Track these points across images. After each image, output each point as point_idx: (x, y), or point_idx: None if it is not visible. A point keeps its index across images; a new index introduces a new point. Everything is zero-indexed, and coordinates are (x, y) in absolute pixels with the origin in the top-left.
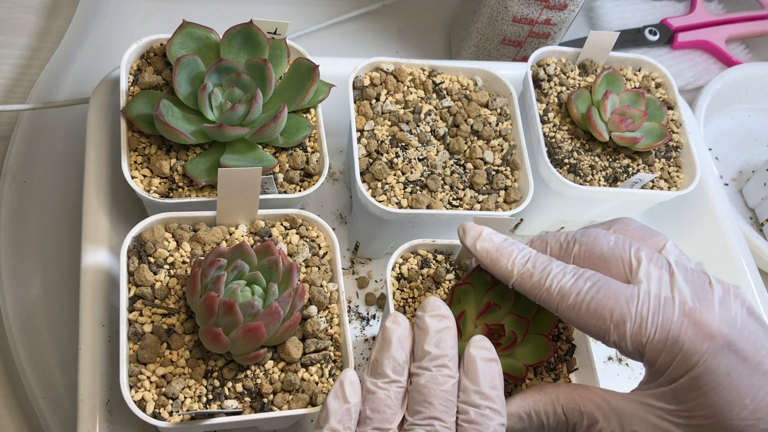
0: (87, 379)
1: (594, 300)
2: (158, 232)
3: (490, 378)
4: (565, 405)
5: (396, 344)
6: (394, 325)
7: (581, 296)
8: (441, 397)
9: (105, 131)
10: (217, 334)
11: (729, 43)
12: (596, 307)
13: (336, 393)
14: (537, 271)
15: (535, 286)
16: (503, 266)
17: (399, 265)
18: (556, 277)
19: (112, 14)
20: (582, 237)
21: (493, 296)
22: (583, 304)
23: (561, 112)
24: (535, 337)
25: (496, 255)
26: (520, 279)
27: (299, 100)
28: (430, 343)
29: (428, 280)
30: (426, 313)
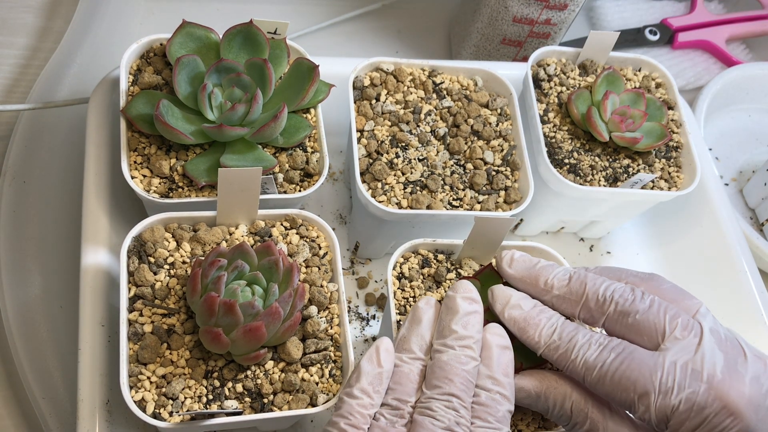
0: (87, 379)
1: (618, 372)
2: (158, 232)
3: (504, 365)
4: (575, 403)
5: (426, 324)
6: (426, 305)
7: (605, 368)
8: (462, 376)
9: (105, 131)
10: (217, 334)
11: (729, 43)
12: (620, 379)
13: (371, 357)
14: (563, 342)
15: (561, 358)
16: (530, 337)
17: (400, 264)
18: (582, 348)
19: (112, 14)
20: (620, 297)
21: None
22: (607, 376)
23: (561, 112)
24: None
25: (523, 325)
26: (547, 350)
27: (299, 100)
28: (458, 323)
29: (429, 280)
30: (458, 294)
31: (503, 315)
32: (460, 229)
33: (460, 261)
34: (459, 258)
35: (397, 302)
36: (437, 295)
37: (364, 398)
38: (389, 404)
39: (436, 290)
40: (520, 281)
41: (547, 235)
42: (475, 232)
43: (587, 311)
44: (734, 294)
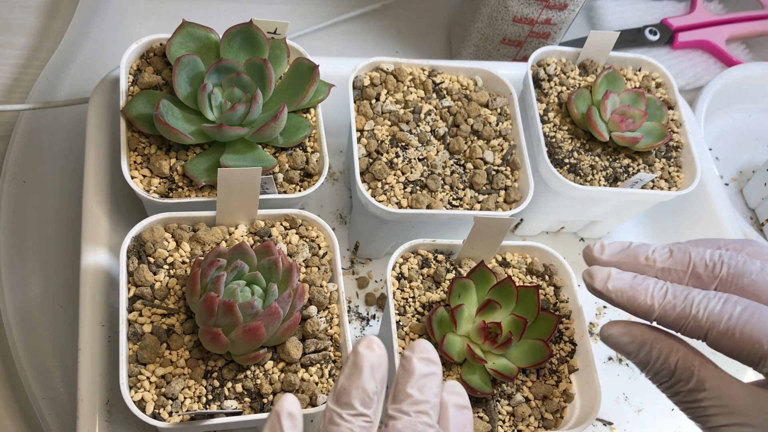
0: (87, 379)
1: (748, 324)
2: (158, 232)
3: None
4: (682, 359)
5: (367, 373)
6: (367, 350)
7: (733, 321)
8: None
9: (105, 131)
10: (216, 334)
11: (729, 43)
12: (751, 332)
13: (273, 426)
14: (679, 300)
15: (680, 316)
16: (642, 302)
17: (399, 264)
18: (702, 303)
19: (112, 14)
20: (730, 260)
21: (495, 294)
22: (736, 330)
23: (561, 112)
24: (532, 341)
25: (632, 293)
26: (663, 312)
27: (299, 100)
28: (414, 387)
29: (428, 280)
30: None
31: (607, 289)
32: (460, 229)
33: (460, 261)
34: (458, 258)
35: (397, 303)
36: (437, 295)
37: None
38: None
39: (436, 290)
40: (618, 265)
41: (547, 235)
42: (474, 232)
43: (696, 278)
44: None
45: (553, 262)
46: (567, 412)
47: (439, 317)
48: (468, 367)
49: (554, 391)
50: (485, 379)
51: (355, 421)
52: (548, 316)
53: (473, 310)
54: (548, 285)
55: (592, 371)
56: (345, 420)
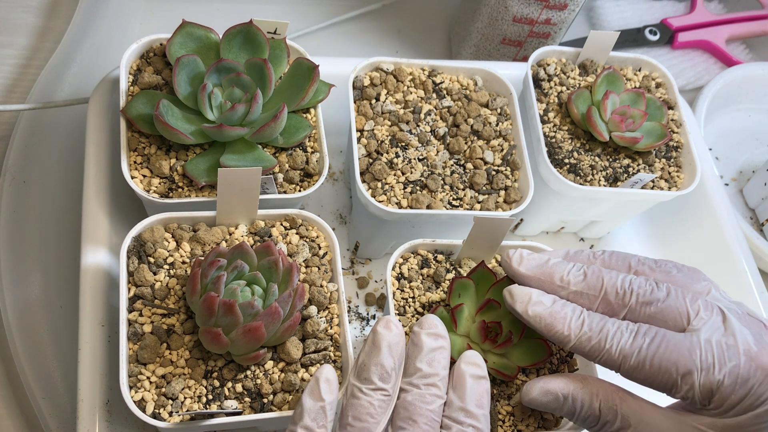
0: (87, 379)
1: (657, 355)
2: (158, 232)
3: (477, 396)
4: (603, 401)
5: (385, 350)
6: (385, 330)
7: (643, 353)
8: (426, 416)
9: (105, 131)
10: (216, 334)
11: (729, 43)
12: (660, 362)
13: (312, 390)
14: (594, 333)
15: (594, 349)
16: (559, 331)
17: (399, 264)
18: (615, 337)
19: (112, 14)
20: (639, 288)
21: (494, 294)
22: (646, 362)
23: (561, 112)
24: (532, 340)
25: (550, 320)
26: (578, 343)
27: (299, 100)
28: (422, 361)
29: (428, 280)
30: (423, 330)
31: (527, 313)
32: (460, 229)
33: (460, 261)
34: (458, 258)
35: (397, 303)
36: (436, 295)
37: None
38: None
39: (436, 291)
40: (532, 279)
41: (547, 235)
42: (474, 232)
43: (606, 305)
44: (734, 294)
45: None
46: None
47: (439, 317)
48: None
49: None
50: None
51: (375, 395)
52: None
53: (473, 309)
54: None
55: (592, 371)
56: (365, 394)
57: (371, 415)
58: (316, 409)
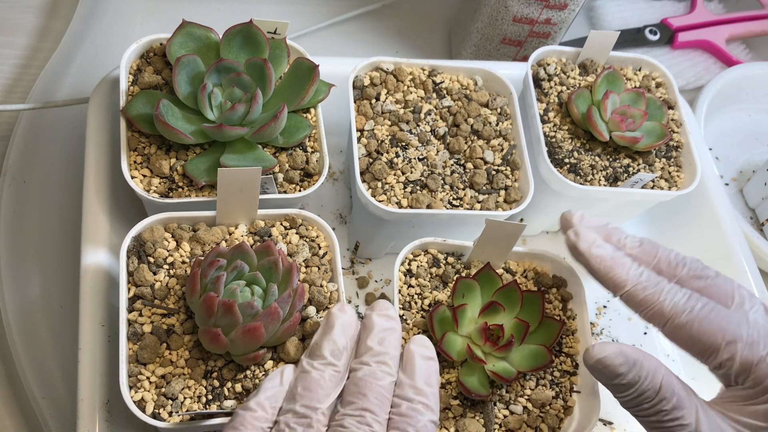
0: (87, 379)
1: (707, 319)
2: (158, 232)
3: (426, 374)
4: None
5: (338, 329)
6: (339, 311)
7: (694, 314)
8: (376, 390)
9: (105, 131)
10: (216, 334)
11: (729, 42)
12: (709, 326)
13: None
14: (651, 285)
15: (648, 299)
16: (618, 274)
17: (409, 261)
18: (670, 293)
19: (112, 14)
20: (692, 263)
21: (499, 297)
22: (695, 322)
23: (561, 111)
24: (534, 346)
25: (611, 263)
26: (633, 290)
27: (299, 100)
28: (373, 340)
29: (436, 279)
30: (374, 312)
31: (590, 251)
32: (460, 229)
33: (470, 263)
34: (469, 261)
35: (402, 298)
36: (443, 295)
37: (258, 411)
38: (296, 411)
39: (443, 290)
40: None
41: (547, 234)
42: (485, 235)
43: (658, 272)
44: None
45: (564, 273)
46: (565, 424)
47: (441, 315)
48: (467, 369)
49: (553, 403)
50: (483, 381)
51: (326, 369)
52: (552, 323)
53: (476, 311)
54: (556, 299)
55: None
56: (315, 368)
57: (321, 386)
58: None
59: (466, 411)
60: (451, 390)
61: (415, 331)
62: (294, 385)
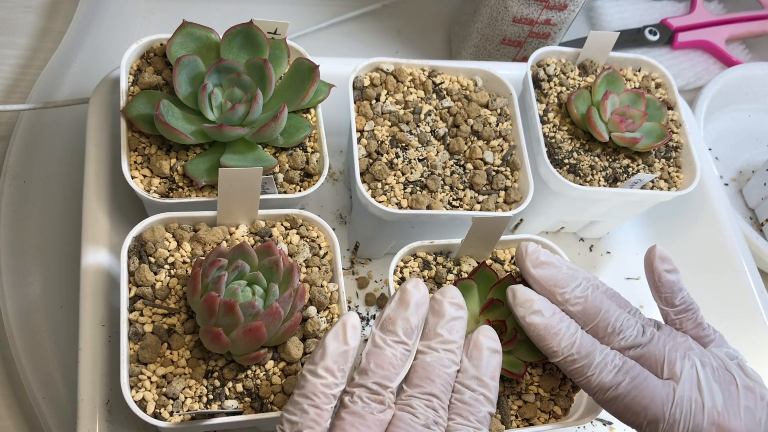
0: (87, 379)
1: (629, 396)
2: (158, 232)
3: (492, 368)
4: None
5: (413, 307)
6: (414, 289)
7: (619, 391)
8: (443, 377)
9: (105, 131)
10: (217, 334)
11: (729, 43)
12: (631, 404)
13: (336, 333)
14: (581, 358)
15: (576, 372)
16: (549, 346)
17: (400, 268)
18: (598, 367)
19: (112, 14)
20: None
21: (497, 293)
22: (619, 399)
23: (561, 112)
24: None
25: (543, 333)
26: (564, 361)
27: (299, 100)
28: (443, 327)
29: (429, 282)
30: (445, 299)
31: (524, 319)
32: (461, 229)
33: (458, 259)
34: (457, 257)
35: None
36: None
37: (328, 377)
38: (369, 387)
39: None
40: (538, 283)
41: (547, 235)
42: (472, 231)
43: (595, 334)
44: (734, 294)
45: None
46: (575, 401)
47: None
48: None
49: (562, 384)
50: None
51: (397, 348)
52: None
53: (476, 310)
54: None
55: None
56: (388, 345)
57: (393, 365)
58: (339, 351)
59: None
60: None
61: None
62: (366, 359)
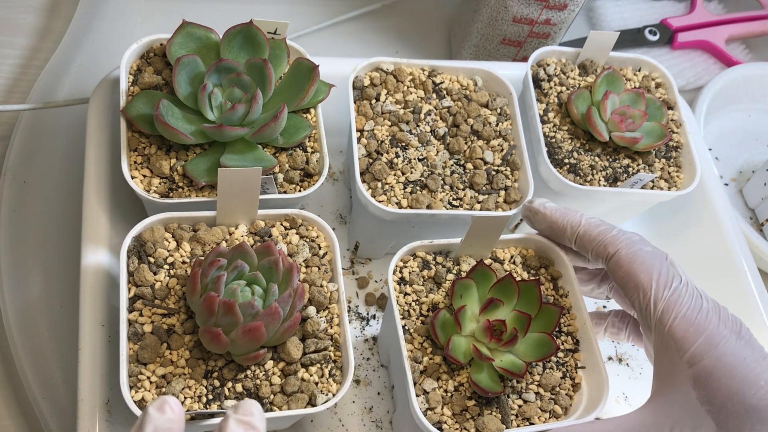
0: (87, 379)
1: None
2: (158, 232)
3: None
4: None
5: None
6: (158, 412)
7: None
8: None
9: (105, 131)
10: (216, 334)
11: (729, 43)
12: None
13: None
14: (602, 223)
15: (602, 232)
16: (572, 217)
17: (400, 268)
18: (619, 231)
19: (112, 14)
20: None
21: (496, 292)
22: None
23: (561, 112)
24: (537, 335)
25: (564, 211)
26: (587, 225)
27: (299, 100)
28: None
29: (429, 282)
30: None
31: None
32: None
33: (458, 258)
34: (457, 256)
35: (401, 307)
36: (439, 296)
37: None
38: None
39: (437, 291)
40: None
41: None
42: (472, 230)
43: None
44: (734, 294)
45: (549, 253)
46: (575, 400)
47: (442, 320)
48: (476, 367)
49: (562, 383)
50: (494, 377)
51: None
52: (550, 309)
53: (476, 309)
54: (546, 279)
55: (597, 361)
56: None
57: None
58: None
59: (483, 409)
60: (465, 391)
61: (418, 339)
62: None
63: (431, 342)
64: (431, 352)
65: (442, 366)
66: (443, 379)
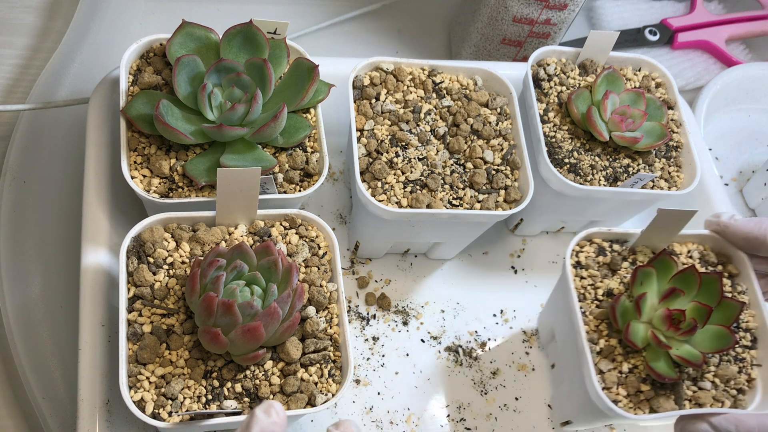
0: (87, 379)
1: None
2: (158, 232)
3: None
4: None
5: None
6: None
7: None
8: None
9: (105, 131)
10: (215, 334)
11: (729, 43)
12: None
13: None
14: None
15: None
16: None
17: (576, 252)
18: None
19: (112, 14)
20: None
21: (677, 282)
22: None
23: (561, 111)
24: (716, 327)
25: (758, 220)
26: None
27: (299, 100)
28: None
29: (604, 268)
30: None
31: (734, 218)
32: (460, 229)
33: (634, 248)
34: (633, 246)
35: (576, 290)
36: (614, 282)
37: None
38: None
39: (612, 277)
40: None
41: (547, 234)
42: (655, 222)
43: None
44: None
45: (727, 250)
46: (748, 396)
47: (623, 306)
48: (652, 354)
49: (738, 378)
50: (670, 364)
51: None
52: (731, 303)
53: (655, 297)
54: (724, 276)
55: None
56: None
57: None
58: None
59: (657, 392)
60: (639, 374)
61: (594, 323)
62: None
63: (607, 325)
64: (607, 335)
65: (617, 348)
66: (618, 360)
